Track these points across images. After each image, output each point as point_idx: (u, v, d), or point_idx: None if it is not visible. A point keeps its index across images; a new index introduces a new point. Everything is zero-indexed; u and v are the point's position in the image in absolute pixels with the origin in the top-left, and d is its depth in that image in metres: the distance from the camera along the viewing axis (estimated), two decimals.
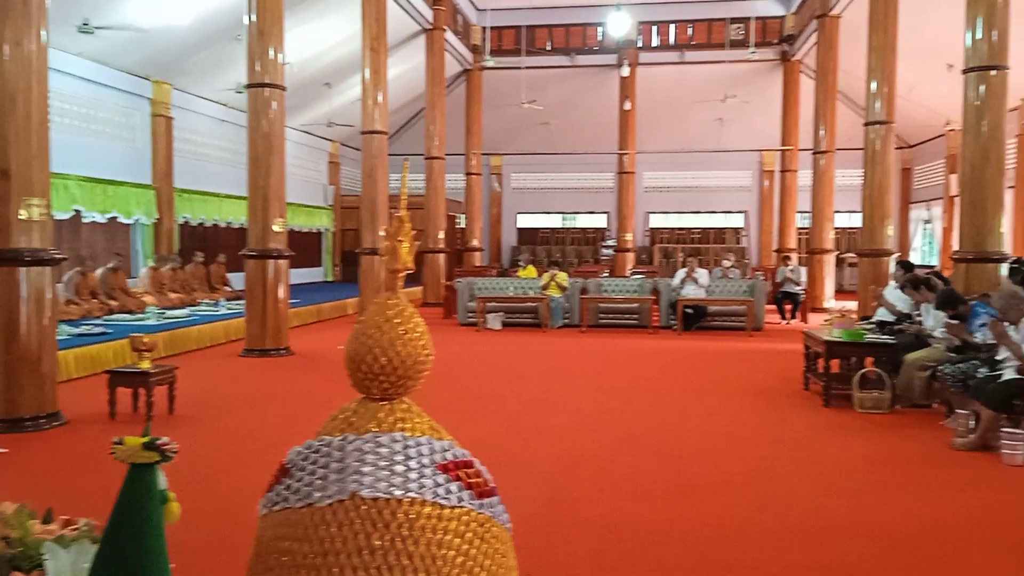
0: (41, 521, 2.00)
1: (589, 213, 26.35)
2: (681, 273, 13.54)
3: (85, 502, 2.71)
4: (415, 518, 1.43)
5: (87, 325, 9.79)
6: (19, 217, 5.99)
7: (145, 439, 1.72)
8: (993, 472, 5.17)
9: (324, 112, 19.73)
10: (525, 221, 26.70)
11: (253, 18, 9.83)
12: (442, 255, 17.99)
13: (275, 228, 10.10)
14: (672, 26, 22.74)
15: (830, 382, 7.28)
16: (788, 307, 14.69)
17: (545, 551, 3.78)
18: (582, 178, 25.83)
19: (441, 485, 1.49)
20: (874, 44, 12.37)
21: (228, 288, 15.17)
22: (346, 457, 1.49)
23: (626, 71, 21.65)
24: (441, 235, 17.99)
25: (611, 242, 24.46)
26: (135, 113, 14.23)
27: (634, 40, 22.20)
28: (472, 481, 1.53)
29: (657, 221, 25.93)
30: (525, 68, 21.49)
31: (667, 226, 25.88)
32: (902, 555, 3.79)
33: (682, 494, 4.69)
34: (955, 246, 8.95)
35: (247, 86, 10.10)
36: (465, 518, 1.49)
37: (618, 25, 17.78)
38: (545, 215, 26.67)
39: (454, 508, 1.48)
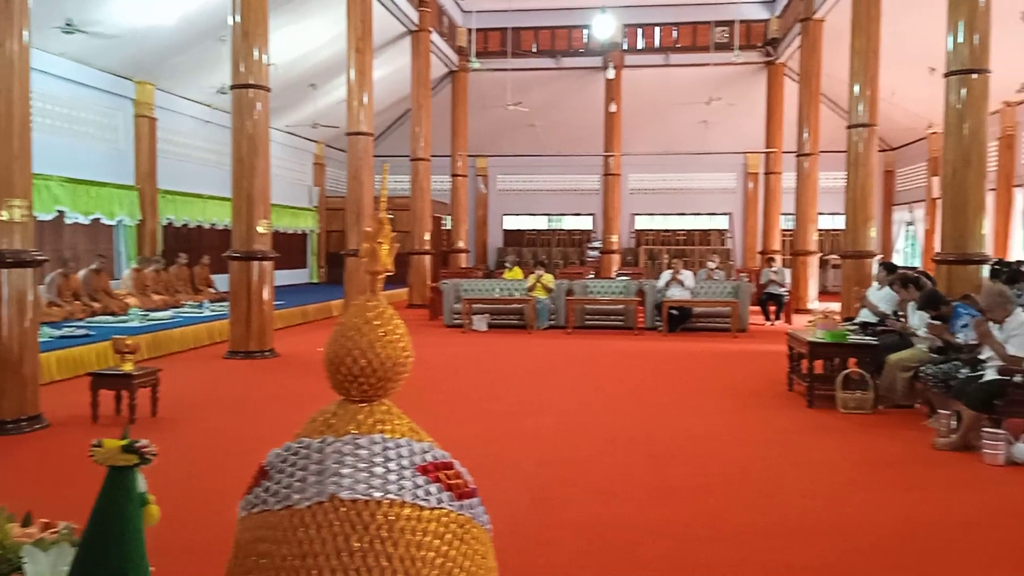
0: (20, 524, 1.99)
1: (575, 215, 26.39)
2: (666, 275, 13.59)
3: (66, 505, 2.68)
4: (394, 520, 1.42)
5: (69, 327, 9.72)
6: (0, 218, 5.95)
7: (124, 442, 1.71)
8: (974, 472, 5.22)
9: (309, 113, 19.68)
10: (511, 223, 26.71)
11: (237, 19, 9.80)
12: (428, 257, 17.97)
13: (260, 229, 10.07)
14: (657, 29, 22.83)
15: (814, 383, 7.33)
16: (772, 308, 14.76)
17: (529, 552, 3.79)
18: (568, 180, 25.86)
19: (420, 487, 1.48)
20: (857, 48, 12.47)
21: (212, 290, 15.10)
22: (325, 459, 1.48)
23: (611, 73, 21.70)
24: (427, 237, 17.96)
25: (597, 244, 24.52)
26: (118, 114, 14.14)
27: (619, 43, 22.28)
28: (452, 483, 1.53)
29: (642, 223, 26.00)
30: (511, 70, 21.51)
31: (652, 228, 25.95)
32: (883, 555, 3.82)
33: (666, 495, 4.71)
34: (937, 248, 9.03)
35: (231, 87, 10.07)
36: (445, 519, 1.48)
37: (603, 28, 17.86)
38: (531, 217, 26.69)
39: (433, 509, 1.48)
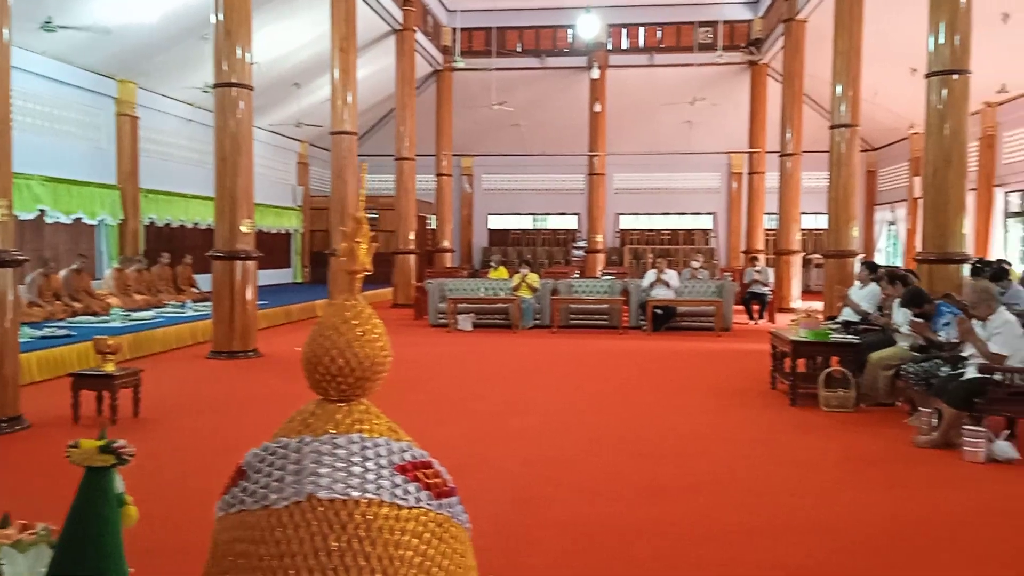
0: None
1: (560, 214, 26.41)
2: (651, 275, 13.60)
3: (46, 507, 2.66)
4: (372, 519, 1.41)
5: (50, 327, 9.63)
6: None
7: (101, 442, 1.69)
8: (955, 469, 5.26)
9: (293, 112, 19.59)
10: (496, 222, 26.70)
11: (220, 17, 9.74)
12: (413, 256, 17.93)
13: (243, 229, 10.02)
14: (641, 29, 22.89)
15: (796, 381, 7.36)
16: (756, 307, 14.83)
17: (514, 552, 3.78)
18: (553, 179, 25.88)
19: (399, 486, 1.48)
20: (839, 48, 12.55)
21: (195, 289, 15.00)
22: (303, 459, 1.48)
23: (596, 73, 21.74)
24: (412, 236, 17.92)
25: (582, 243, 24.55)
26: (100, 112, 14.02)
27: (604, 42, 22.32)
28: (430, 482, 1.52)
29: (627, 222, 26.06)
30: (495, 69, 21.50)
31: (637, 227, 26.02)
32: (866, 553, 3.84)
33: (651, 494, 4.72)
34: (919, 247, 9.09)
35: (214, 85, 10.02)
36: (423, 518, 1.48)
37: (588, 27, 17.88)
38: (516, 216, 26.69)
39: (412, 509, 1.47)
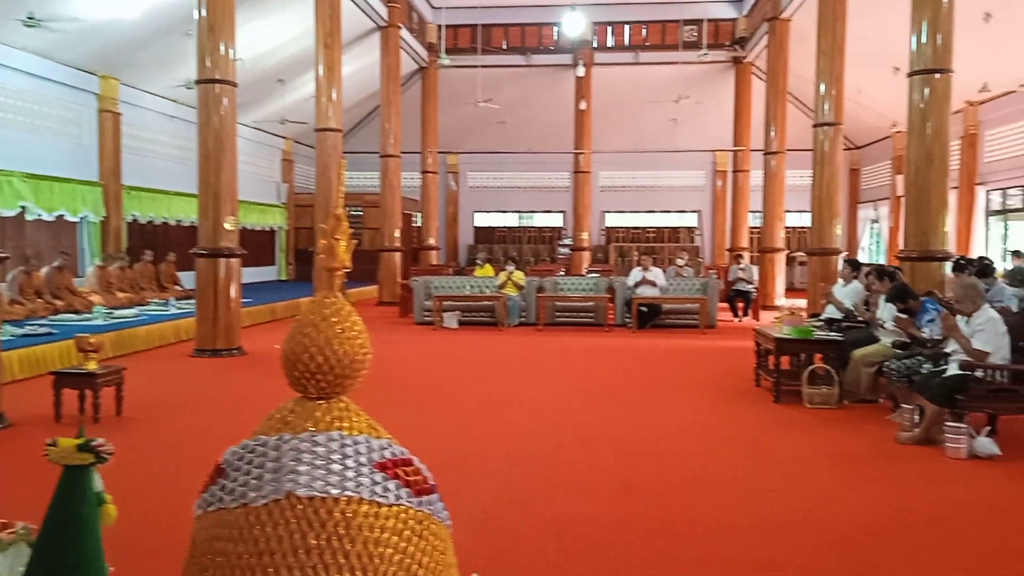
0: None
1: (545, 212, 26.43)
2: (636, 274, 13.62)
3: (26, 506, 2.64)
4: (352, 517, 1.41)
5: (32, 325, 9.55)
6: None
7: (79, 441, 1.68)
8: (937, 465, 5.30)
9: (277, 109, 19.50)
10: (482, 220, 26.70)
11: (203, 13, 9.68)
12: (398, 254, 17.89)
13: (227, 226, 9.96)
14: (626, 27, 22.92)
15: (780, 378, 7.40)
16: (740, 305, 14.89)
17: (496, 548, 3.79)
18: (538, 177, 25.89)
19: (378, 483, 1.47)
20: (823, 47, 12.60)
21: (178, 287, 14.91)
22: (282, 456, 1.47)
23: (581, 71, 21.76)
24: (397, 234, 17.88)
25: (567, 241, 24.59)
26: (81, 109, 13.91)
27: (589, 40, 22.34)
28: (410, 479, 1.52)
29: (612, 220, 26.11)
30: (481, 67, 21.47)
31: (622, 225, 26.08)
32: (848, 549, 3.86)
33: (633, 491, 4.73)
34: (901, 245, 9.16)
35: (197, 82, 9.95)
36: (403, 516, 1.47)
37: (573, 25, 17.88)
38: (502, 214, 26.69)
39: (392, 506, 1.46)
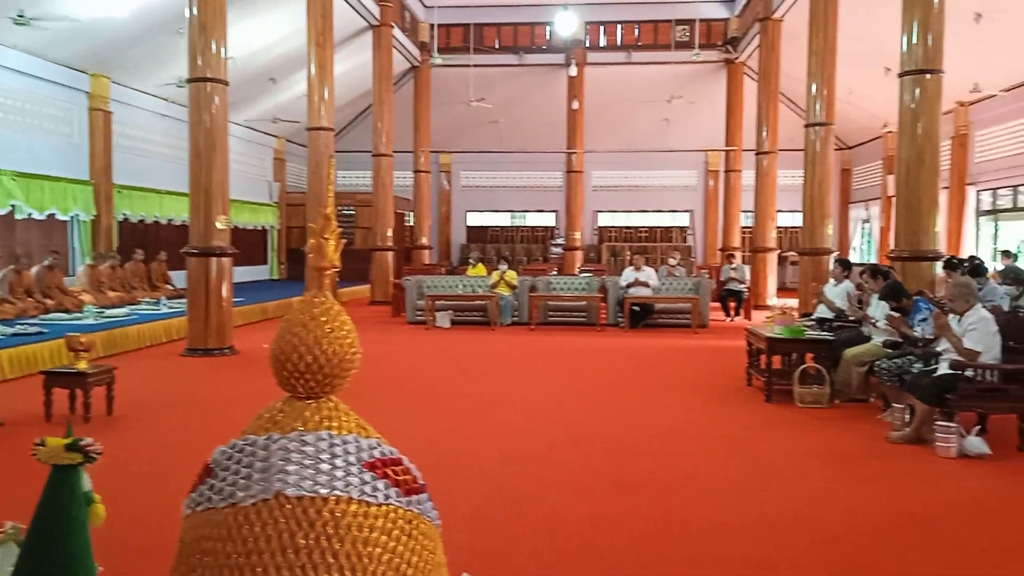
0: None
1: (538, 211, 26.44)
2: (629, 274, 13.60)
3: (17, 505, 2.62)
4: (340, 516, 1.41)
5: (22, 324, 9.51)
6: None
7: (67, 440, 1.67)
8: (927, 465, 5.32)
9: (269, 108, 19.44)
10: (474, 219, 26.69)
11: (194, 11, 9.65)
12: (390, 253, 17.87)
13: (218, 225, 9.94)
14: (619, 27, 22.94)
15: (772, 378, 7.42)
16: (732, 304, 14.92)
17: (488, 548, 3.79)
18: (531, 177, 25.90)
19: (368, 483, 1.47)
20: (814, 48, 12.65)
21: (169, 286, 14.86)
22: (271, 456, 1.46)
23: (574, 70, 21.77)
24: (389, 233, 17.85)
25: (560, 240, 24.58)
26: (72, 107, 13.84)
27: (582, 40, 22.34)
28: (400, 479, 1.51)
29: (605, 220, 26.13)
30: (473, 66, 21.46)
31: (615, 225, 26.11)
32: (839, 548, 3.87)
33: (625, 490, 4.74)
34: (892, 245, 9.20)
35: (188, 80, 9.92)
36: (392, 515, 1.47)
37: (566, 25, 17.88)
38: (494, 213, 26.69)
39: (381, 506, 1.46)
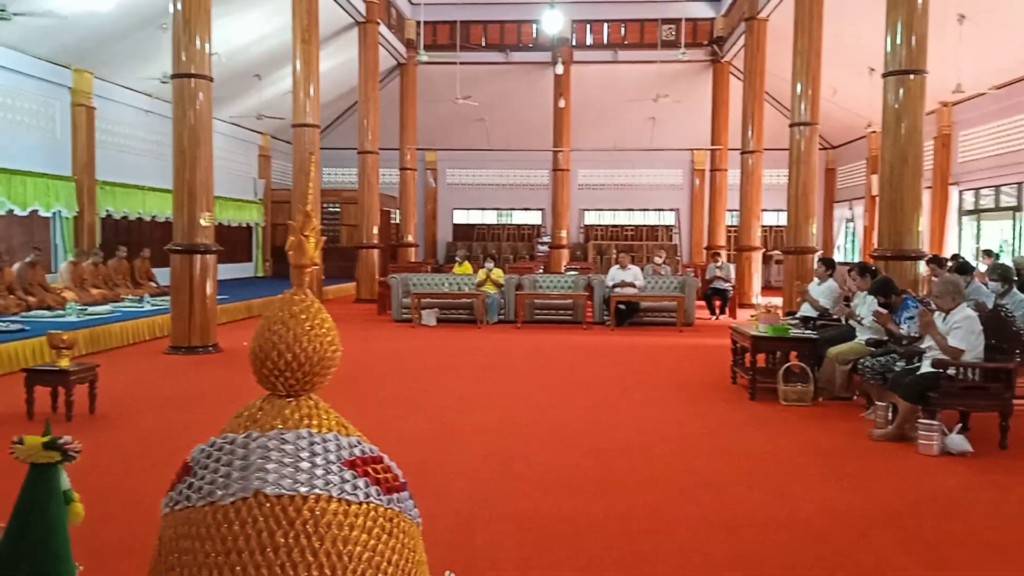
0: None
1: (524, 210, 26.45)
2: (615, 273, 13.60)
3: None
4: (320, 515, 1.40)
5: (3, 322, 9.42)
6: None
7: (46, 438, 1.66)
8: (909, 462, 5.36)
9: (254, 104, 19.35)
10: (460, 217, 26.67)
11: (178, 6, 9.59)
12: (376, 251, 17.83)
13: (202, 222, 9.88)
14: (605, 25, 22.99)
15: (756, 376, 7.45)
16: (717, 303, 14.97)
17: (472, 546, 3.78)
18: (517, 175, 25.92)
19: (348, 481, 1.46)
20: (799, 48, 12.70)
21: (153, 284, 14.76)
22: (250, 455, 1.45)
23: (560, 69, 21.77)
24: (375, 231, 17.81)
25: (546, 239, 24.60)
26: (55, 102, 13.72)
27: (568, 38, 22.36)
28: (380, 477, 1.51)
29: (591, 218, 26.19)
30: (460, 64, 21.43)
31: (601, 223, 26.17)
32: (822, 544, 3.89)
33: (609, 488, 4.74)
34: (876, 244, 9.25)
35: (172, 76, 9.86)
36: (373, 514, 1.47)
37: (552, 23, 17.86)
38: (480, 211, 26.68)
39: (361, 504, 1.46)
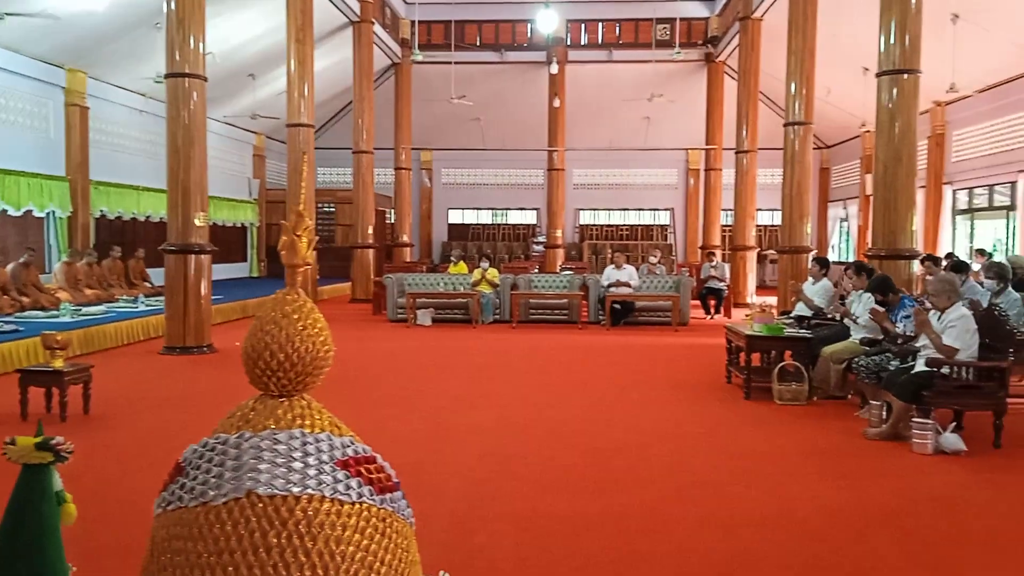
0: None
1: (519, 209, 26.45)
2: (611, 273, 13.59)
3: None
4: (313, 515, 1.40)
5: None
6: None
7: (38, 439, 1.65)
8: (903, 461, 5.37)
9: (248, 104, 19.31)
10: (456, 217, 26.66)
11: (172, 5, 9.57)
12: (371, 251, 17.80)
13: (196, 222, 9.86)
14: (600, 25, 22.99)
15: (751, 375, 7.45)
16: (712, 302, 14.98)
17: (467, 546, 3.78)
18: (512, 174, 25.91)
19: (340, 481, 1.46)
20: (793, 47, 12.72)
21: (147, 284, 14.74)
22: (242, 455, 1.45)
23: (555, 68, 21.76)
24: (370, 230, 17.78)
25: (541, 238, 24.60)
26: (48, 102, 13.68)
27: (563, 38, 22.35)
28: (373, 477, 1.51)
29: (586, 218, 26.20)
30: (454, 63, 21.41)
31: (596, 223, 26.19)
32: (817, 543, 3.90)
33: (605, 487, 4.75)
34: (870, 243, 9.27)
35: (166, 76, 9.84)
36: (365, 514, 1.46)
37: (547, 22, 17.85)
38: (475, 211, 26.67)
39: (354, 504, 1.45)
